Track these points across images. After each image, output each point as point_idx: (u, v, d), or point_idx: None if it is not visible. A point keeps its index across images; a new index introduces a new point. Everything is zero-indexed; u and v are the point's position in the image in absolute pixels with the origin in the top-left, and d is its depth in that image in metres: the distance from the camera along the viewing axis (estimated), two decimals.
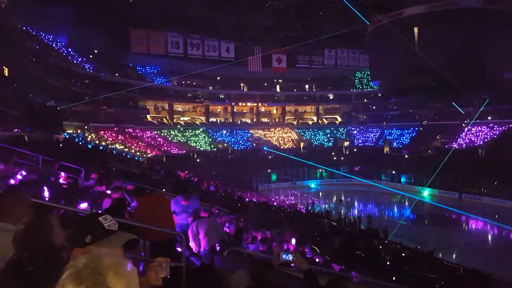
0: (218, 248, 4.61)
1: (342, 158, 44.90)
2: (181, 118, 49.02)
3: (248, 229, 8.41)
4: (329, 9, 37.06)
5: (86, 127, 33.24)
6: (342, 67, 46.82)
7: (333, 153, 45.59)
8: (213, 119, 51.13)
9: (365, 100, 52.42)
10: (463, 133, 42.68)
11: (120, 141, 35.49)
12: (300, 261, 2.40)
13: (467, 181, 33.54)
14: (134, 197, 5.39)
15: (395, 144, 46.35)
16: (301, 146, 47.50)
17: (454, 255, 18.42)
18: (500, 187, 30.64)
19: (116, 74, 42.00)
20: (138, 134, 39.89)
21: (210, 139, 45.74)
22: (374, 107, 51.81)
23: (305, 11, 37.96)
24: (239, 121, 51.93)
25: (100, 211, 4.86)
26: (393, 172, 39.96)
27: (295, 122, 53.97)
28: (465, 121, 43.51)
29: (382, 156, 44.01)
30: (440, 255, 17.22)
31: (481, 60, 31.28)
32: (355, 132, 51.52)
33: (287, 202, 27.76)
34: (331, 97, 53.96)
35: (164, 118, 47.20)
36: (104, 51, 42.04)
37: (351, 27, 36.97)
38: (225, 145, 44.99)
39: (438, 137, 44.23)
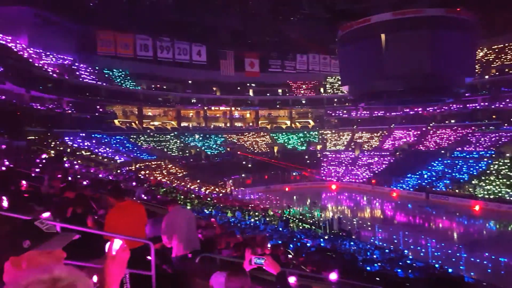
0: (189, 255, 4.42)
1: (314, 161, 45.49)
2: (151, 123, 47.93)
3: (221, 234, 8.21)
4: (300, 15, 37.53)
5: (49, 133, 31.69)
6: (314, 72, 47.58)
7: (306, 157, 46.12)
8: (185, 124, 50.36)
9: (335, 105, 53.49)
10: (429, 136, 44.41)
11: (86, 146, 34.15)
12: (271, 265, 2.39)
13: (431, 181, 34.87)
14: (111, 197, 5.09)
15: (364, 146, 47.50)
16: (275, 150, 47.70)
17: (422, 254, 18.93)
18: (463, 187, 32.08)
19: (82, 77, 40.48)
20: (106, 140, 38.55)
21: (182, 144, 44.97)
22: (345, 111, 53.01)
23: (277, 17, 38.24)
24: (212, 126, 51.46)
25: (62, 219, 4.51)
26: (364, 173, 40.95)
27: (268, 126, 54.20)
28: (430, 124, 45.35)
29: (352, 159, 45.07)
30: (410, 254, 17.66)
31: (443, 65, 32.69)
32: (328, 135, 52.45)
33: (261, 206, 27.63)
34: (303, 102, 54.68)
35: (133, 123, 45.96)
36: (69, 53, 40.44)
37: (322, 33, 37.69)
38: (197, 150, 44.38)
39: (404, 139, 45.78)
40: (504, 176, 30.66)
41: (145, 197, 13.59)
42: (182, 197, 19.95)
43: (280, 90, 54.96)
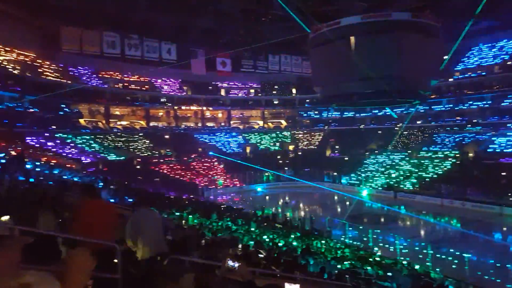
0: (157, 258, 4.22)
1: (287, 161, 45.82)
2: (119, 123, 46.45)
3: (192, 236, 7.98)
4: (272, 16, 37.62)
5: (9, 132, 29.91)
6: (286, 73, 47.91)
7: (278, 157, 46.33)
8: (155, 123, 49.20)
9: (306, 106, 54.17)
10: (397, 136, 45.81)
11: (50, 146, 32.56)
12: (243, 272, 2.37)
13: (399, 180, 35.99)
14: (83, 197, 4.79)
15: (337, 147, 48.33)
16: (248, 151, 47.59)
17: (391, 252, 19.40)
18: (429, 186, 33.32)
19: (45, 75, 38.59)
20: (71, 140, 36.92)
21: (152, 144, 43.87)
22: (316, 112, 53.84)
23: (249, 16, 38.14)
24: (183, 125, 50.58)
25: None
26: (335, 174, 41.67)
27: (241, 127, 54.00)
28: (398, 125, 46.78)
29: (324, 159, 45.79)
30: (379, 252, 18.05)
31: (410, 68, 33.82)
32: (300, 135, 53.01)
33: (234, 207, 27.40)
34: (276, 102, 54.93)
35: (99, 122, 44.35)
36: (31, 49, 38.43)
37: (294, 34, 37.87)
38: (168, 150, 43.46)
39: (374, 141, 47.00)
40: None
41: (112, 200, 13.06)
42: (152, 198, 19.38)
43: (252, 90, 54.95)
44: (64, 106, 39.33)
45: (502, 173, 29.58)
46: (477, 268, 16.68)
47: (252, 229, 17.15)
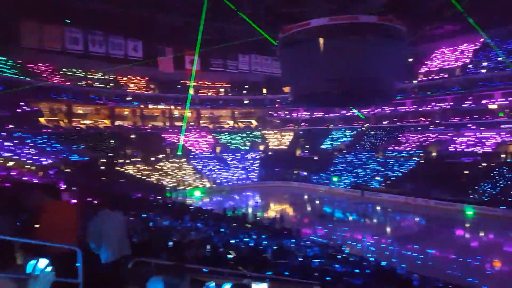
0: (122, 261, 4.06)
1: (258, 161, 45.93)
2: (82, 122, 44.54)
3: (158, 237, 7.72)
4: (241, 15, 37.49)
5: None
6: (256, 73, 47.94)
7: (248, 157, 46.32)
8: (120, 123, 47.65)
9: (276, 106, 54.55)
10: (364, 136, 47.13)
11: (7, 147, 30.66)
12: None
13: (366, 179, 37.01)
14: (43, 197, 4.55)
15: (306, 146, 48.99)
16: (218, 150, 47.19)
17: (359, 249, 19.85)
18: (394, 185, 34.48)
19: (1, 71, 36.31)
20: (30, 140, 34.94)
21: (117, 144, 42.39)
22: (287, 112, 54.37)
23: (217, 15, 37.78)
24: (150, 125, 49.31)
25: None
26: (305, 173, 42.24)
27: (211, 126, 53.44)
28: (364, 125, 48.16)
29: (294, 158, 46.32)
30: (347, 249, 18.38)
31: (376, 70, 35.00)
32: (271, 135, 53.28)
33: (204, 208, 26.97)
34: (246, 102, 54.83)
35: (61, 121, 42.33)
36: None
37: (263, 34, 37.93)
38: (134, 150, 42.18)
39: (341, 140, 48.14)
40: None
41: (74, 201, 12.40)
42: (116, 200, 18.64)
43: (222, 90, 54.57)
44: (23, 104, 37.16)
45: (464, 172, 31.04)
46: (440, 263, 17.42)
47: (222, 230, 16.93)
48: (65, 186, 18.42)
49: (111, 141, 42.58)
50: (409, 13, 32.02)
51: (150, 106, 49.46)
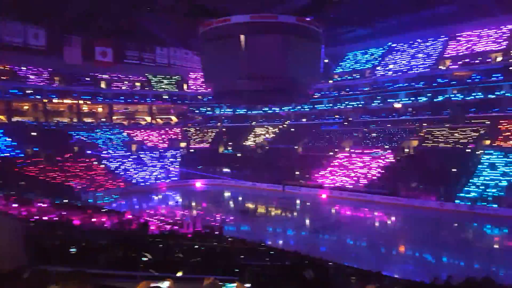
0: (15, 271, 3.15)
1: (179, 159, 44.32)
2: None
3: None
4: (158, 6, 35.57)
5: None
6: (176, 67, 46.05)
7: (168, 155, 44.42)
8: (19, 118, 41.87)
9: (198, 102, 53.33)
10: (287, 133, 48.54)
11: None
12: None
13: (287, 175, 38.16)
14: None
15: (230, 143, 48.63)
16: (135, 148, 44.32)
17: (281, 242, 20.22)
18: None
19: None
20: None
21: (15, 143, 37.10)
22: (209, 109, 53.37)
23: (131, 5, 35.24)
24: (55, 121, 44.22)
25: None
26: (228, 169, 42.00)
27: (125, 122, 49.89)
28: (285, 123, 49.58)
29: (217, 156, 45.80)
30: (269, 242, 18.55)
31: (294, 69, 36.19)
32: (192, 132, 51.78)
33: (118, 211, 24.93)
34: (165, 97, 52.36)
35: None
36: None
37: (182, 27, 36.51)
38: (35, 149, 37.32)
39: (263, 136, 49.04)
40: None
41: None
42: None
43: (138, 84, 51.35)
44: None
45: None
46: (354, 250, 18.56)
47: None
48: None
49: (8, 139, 37.09)
50: (324, 16, 33.72)
51: (54, 101, 44.37)
